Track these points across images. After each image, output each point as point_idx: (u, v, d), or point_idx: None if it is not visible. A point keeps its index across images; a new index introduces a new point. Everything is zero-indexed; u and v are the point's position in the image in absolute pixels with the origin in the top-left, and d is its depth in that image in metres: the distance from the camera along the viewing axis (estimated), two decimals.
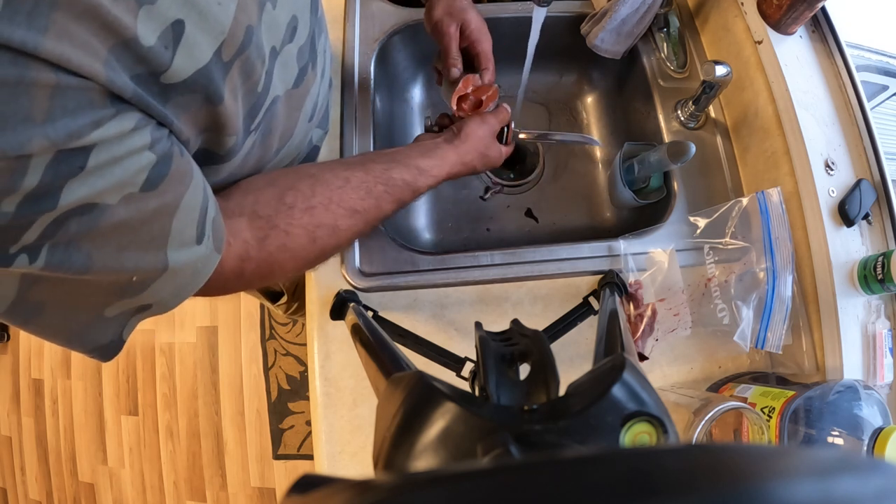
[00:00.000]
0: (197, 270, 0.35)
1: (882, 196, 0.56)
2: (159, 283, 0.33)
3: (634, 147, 0.67)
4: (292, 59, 0.43)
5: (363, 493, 0.09)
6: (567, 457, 0.09)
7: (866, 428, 0.44)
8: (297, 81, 0.45)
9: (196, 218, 0.33)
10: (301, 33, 0.43)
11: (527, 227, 0.76)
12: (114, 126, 0.26)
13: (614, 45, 0.71)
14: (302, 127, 0.50)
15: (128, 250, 0.30)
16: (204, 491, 1.51)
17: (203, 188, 0.34)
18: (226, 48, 0.32)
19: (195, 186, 0.33)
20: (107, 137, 0.26)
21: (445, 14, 0.57)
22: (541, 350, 0.22)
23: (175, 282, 0.34)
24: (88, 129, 0.25)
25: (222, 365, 1.55)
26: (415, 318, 0.58)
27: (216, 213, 0.36)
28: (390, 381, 0.23)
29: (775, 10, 0.59)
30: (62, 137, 0.24)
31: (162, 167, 0.30)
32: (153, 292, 0.33)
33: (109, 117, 0.26)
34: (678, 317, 0.56)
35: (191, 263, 0.34)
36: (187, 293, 0.35)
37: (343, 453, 0.54)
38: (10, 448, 1.64)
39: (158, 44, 0.27)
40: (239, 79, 0.35)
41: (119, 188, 0.27)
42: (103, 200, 0.27)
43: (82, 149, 0.25)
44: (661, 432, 0.17)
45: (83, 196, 0.26)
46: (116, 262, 0.29)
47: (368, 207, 0.46)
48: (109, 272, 0.29)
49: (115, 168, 0.27)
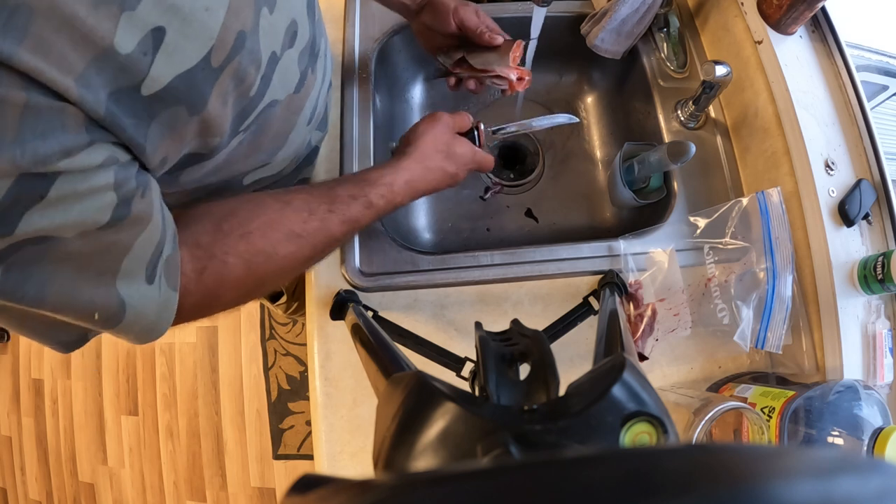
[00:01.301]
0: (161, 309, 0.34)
1: (882, 196, 0.56)
2: (122, 326, 0.32)
3: (634, 147, 0.67)
4: (293, 63, 0.43)
5: (363, 493, 0.09)
6: (567, 457, 0.09)
7: (866, 428, 0.44)
8: (299, 86, 0.45)
9: (147, 258, 0.33)
10: (301, 38, 0.43)
11: (527, 227, 0.76)
12: (83, 158, 0.26)
13: (614, 45, 0.71)
14: (300, 130, 0.50)
15: (78, 281, 0.29)
16: (204, 491, 1.51)
17: (161, 229, 0.34)
18: (215, 54, 0.32)
19: (153, 228, 0.32)
20: (73, 169, 0.25)
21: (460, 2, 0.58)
22: (541, 350, 0.22)
23: (140, 324, 0.33)
24: (57, 157, 0.24)
25: (222, 365, 1.55)
26: (415, 318, 0.58)
27: (171, 252, 0.35)
28: (390, 381, 0.23)
29: (775, 10, 0.59)
30: (28, 161, 0.23)
31: (122, 209, 0.29)
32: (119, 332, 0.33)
33: (81, 147, 0.26)
34: (678, 317, 0.56)
35: (148, 304, 0.33)
36: (152, 337, 0.35)
37: (343, 453, 0.54)
38: (10, 448, 1.64)
39: (137, 50, 0.27)
40: (230, 84, 0.34)
41: (77, 225, 0.27)
42: (60, 235, 0.27)
43: (45, 176, 0.25)
44: (661, 432, 0.17)
45: (40, 228, 0.26)
46: (69, 297, 0.29)
47: (312, 230, 0.42)
48: (64, 305, 0.29)
49: (75, 204, 0.27)
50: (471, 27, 0.58)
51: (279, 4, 0.38)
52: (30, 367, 1.65)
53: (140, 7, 0.26)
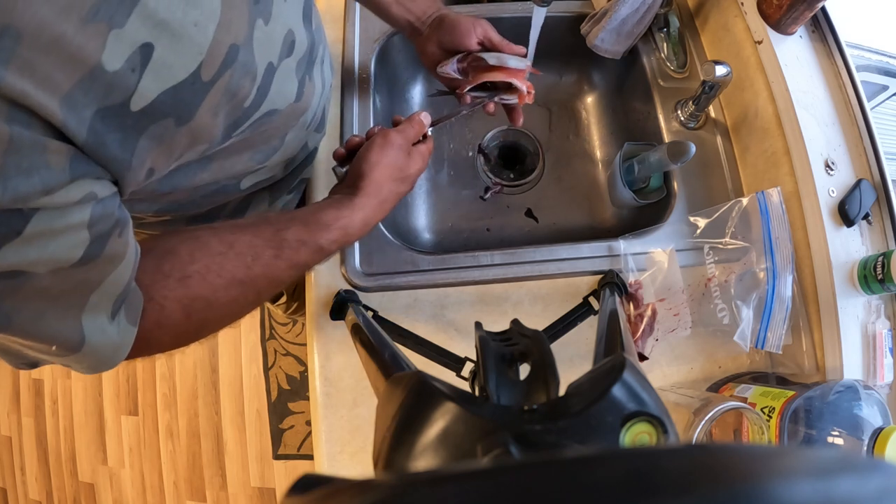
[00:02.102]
0: (119, 345, 0.34)
1: (882, 196, 0.56)
2: (76, 357, 0.32)
3: (634, 147, 0.67)
4: (291, 72, 0.42)
5: (363, 493, 0.09)
6: (567, 457, 0.09)
7: (866, 428, 0.44)
8: (299, 95, 0.44)
9: (116, 294, 0.32)
10: (300, 46, 0.43)
11: (527, 227, 0.76)
12: (62, 195, 0.26)
13: (614, 45, 0.71)
14: (298, 133, 0.50)
15: (45, 315, 0.29)
16: (204, 491, 1.51)
17: (132, 268, 0.33)
18: (205, 69, 0.32)
19: (124, 266, 0.32)
20: (51, 206, 0.26)
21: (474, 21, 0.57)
22: (541, 350, 0.22)
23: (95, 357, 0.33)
24: (38, 195, 0.25)
25: (222, 365, 1.55)
26: (415, 318, 0.58)
27: (134, 289, 0.34)
28: (390, 381, 0.23)
29: (775, 10, 0.59)
30: (8, 199, 0.23)
31: (96, 247, 0.29)
32: (71, 362, 0.33)
33: (63, 185, 0.26)
34: (678, 317, 0.56)
35: (107, 339, 0.33)
36: (102, 369, 0.35)
37: (343, 453, 0.54)
38: (10, 448, 1.64)
39: (124, 67, 0.27)
40: (222, 97, 0.34)
41: (50, 262, 0.27)
42: (33, 270, 0.27)
43: (23, 212, 0.25)
44: (661, 432, 0.17)
45: (14, 263, 0.26)
46: (34, 327, 0.29)
47: (255, 276, 0.39)
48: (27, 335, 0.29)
49: (50, 241, 0.27)
50: (496, 42, 0.58)
51: (275, 15, 0.38)
52: None
53: (128, 24, 0.26)
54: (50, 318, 0.29)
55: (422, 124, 0.51)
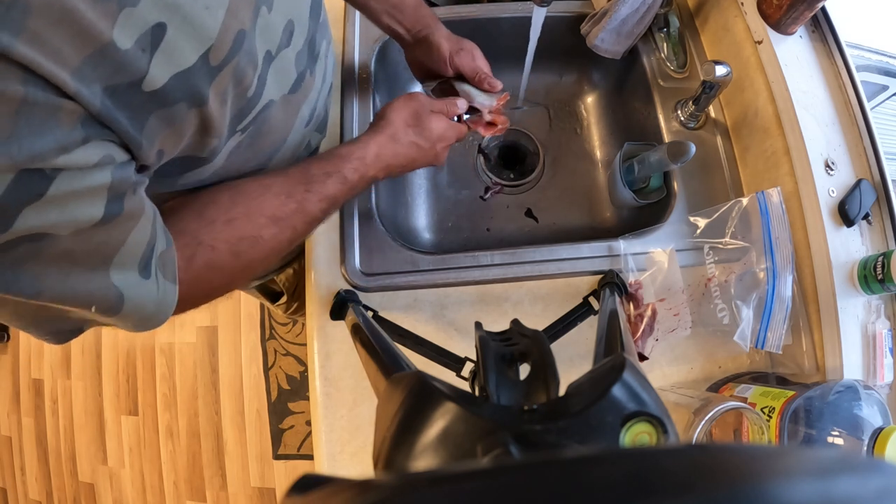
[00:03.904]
0: (160, 301, 0.34)
1: (882, 196, 0.56)
2: (121, 315, 0.33)
3: (634, 147, 0.67)
4: (289, 63, 0.43)
5: (363, 493, 0.09)
6: (567, 457, 0.09)
7: (866, 428, 0.44)
8: (295, 87, 0.45)
9: (140, 253, 0.33)
10: (298, 38, 0.43)
11: (527, 227, 0.76)
12: (79, 155, 0.26)
13: (614, 45, 0.71)
14: (298, 131, 0.50)
15: (72, 276, 0.30)
16: (204, 491, 1.51)
17: (152, 223, 0.34)
18: (213, 53, 0.32)
19: (143, 224, 0.33)
20: (70, 165, 0.26)
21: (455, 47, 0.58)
22: (541, 350, 0.22)
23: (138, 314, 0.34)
24: (54, 153, 0.25)
25: (222, 365, 1.55)
26: (415, 318, 0.58)
27: (166, 247, 0.36)
28: (390, 382, 0.23)
29: (775, 10, 0.59)
30: (25, 157, 0.24)
31: (115, 206, 0.30)
32: (117, 321, 0.33)
33: (77, 144, 0.26)
34: (678, 317, 0.56)
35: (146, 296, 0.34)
36: (150, 326, 0.35)
37: (343, 453, 0.54)
38: (10, 448, 1.64)
39: (135, 47, 0.27)
40: (229, 83, 0.34)
41: (72, 224, 0.27)
42: (56, 232, 0.27)
43: (43, 173, 0.25)
44: (661, 432, 0.17)
45: (37, 226, 0.26)
46: (63, 289, 0.29)
47: (291, 212, 0.43)
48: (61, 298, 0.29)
49: (71, 202, 0.27)
50: (468, 74, 0.59)
51: (276, 4, 0.38)
52: (30, 367, 1.65)
53: (141, 4, 0.26)
54: (77, 278, 0.30)
55: (454, 104, 0.55)
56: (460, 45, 0.59)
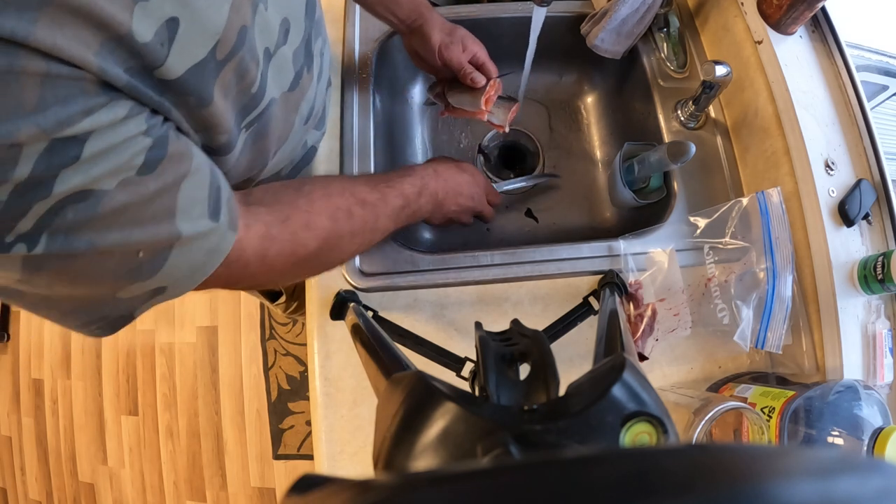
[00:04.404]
0: (211, 249, 0.34)
1: (882, 196, 0.56)
2: (171, 262, 0.32)
3: (634, 147, 0.67)
4: (287, 61, 0.43)
5: (363, 493, 0.09)
6: (567, 457, 0.09)
7: (866, 428, 0.44)
8: (293, 85, 0.45)
9: (205, 195, 0.33)
10: (294, 36, 0.43)
11: (527, 227, 0.76)
12: (105, 114, 0.26)
13: (614, 45, 0.71)
14: (297, 130, 0.50)
15: (132, 230, 0.29)
16: (204, 491, 1.51)
17: (210, 168, 0.34)
18: (220, 48, 0.32)
19: (198, 166, 0.33)
20: (100, 126, 0.26)
21: (446, 40, 0.60)
22: (541, 350, 0.22)
23: (188, 261, 0.33)
24: (79, 117, 0.25)
25: (222, 365, 1.55)
26: (415, 318, 0.58)
27: (230, 195, 0.36)
28: (390, 382, 0.23)
29: (775, 10, 0.59)
30: (52, 125, 0.24)
31: (158, 150, 0.29)
32: (166, 274, 0.32)
33: (101, 105, 0.26)
34: (678, 317, 0.56)
35: (203, 240, 0.33)
36: (202, 274, 0.35)
37: (343, 453, 0.54)
38: (10, 448, 1.64)
39: (155, 40, 0.27)
40: (233, 79, 0.35)
41: (114, 173, 0.27)
42: (99, 186, 0.27)
43: (75, 138, 0.25)
44: (661, 432, 0.17)
45: (78, 184, 0.26)
46: (122, 240, 0.29)
47: (376, 200, 0.48)
48: (115, 248, 0.29)
49: (110, 155, 0.27)
50: (455, 68, 0.61)
51: (272, 2, 0.38)
52: (30, 367, 1.65)
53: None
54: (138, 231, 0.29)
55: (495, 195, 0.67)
56: (451, 36, 0.60)
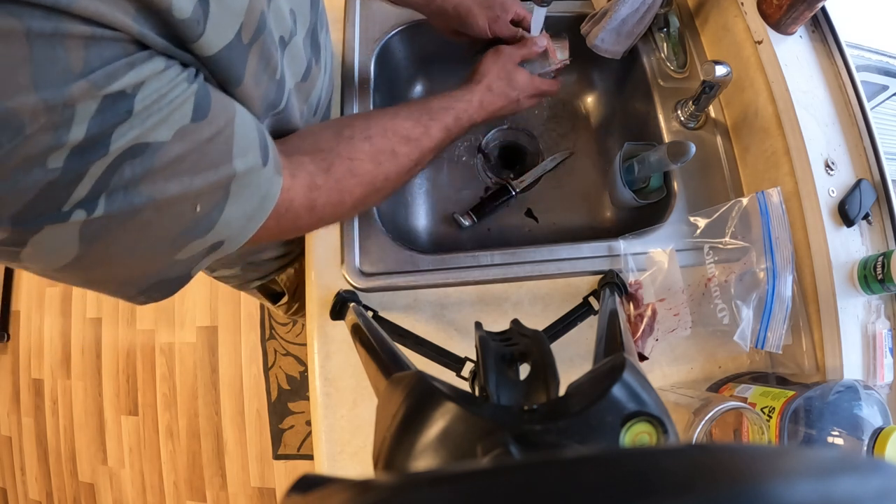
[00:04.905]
0: (263, 195, 0.35)
1: (882, 196, 0.56)
2: (227, 212, 0.33)
3: (634, 147, 0.67)
4: (299, 51, 0.44)
5: (363, 493, 0.09)
6: (567, 457, 0.09)
7: (866, 428, 0.44)
8: (305, 75, 0.46)
9: (255, 136, 0.34)
10: (301, 26, 0.44)
11: (527, 227, 0.76)
12: (148, 66, 0.27)
13: (614, 45, 0.71)
14: (307, 122, 0.51)
15: (192, 178, 0.30)
16: (204, 491, 1.51)
17: (251, 117, 0.35)
18: (245, 30, 0.33)
19: (242, 112, 0.34)
20: (145, 77, 0.27)
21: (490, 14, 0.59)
22: (541, 350, 0.22)
23: (243, 209, 0.34)
24: (124, 69, 0.25)
25: (222, 365, 1.55)
26: (415, 318, 0.58)
27: (272, 142, 0.37)
28: (390, 382, 0.23)
29: (775, 10, 0.59)
30: (101, 80, 0.24)
31: (204, 97, 0.30)
32: (223, 226, 0.33)
33: (143, 60, 0.27)
34: (678, 317, 0.56)
35: (256, 181, 0.34)
36: (255, 224, 0.36)
37: (343, 453, 0.54)
38: (10, 448, 1.64)
39: (192, 18, 0.28)
40: (259, 64, 0.36)
41: (168, 123, 0.28)
42: (155, 138, 0.27)
43: (125, 94, 0.26)
44: (661, 432, 0.17)
45: (133, 138, 0.26)
46: (180, 190, 0.30)
47: (419, 135, 0.48)
48: (174, 200, 0.30)
49: (161, 105, 0.27)
50: (510, 40, 0.60)
51: None
52: (30, 367, 1.65)
53: None
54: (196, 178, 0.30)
55: (535, 45, 0.60)
56: (493, 10, 0.59)
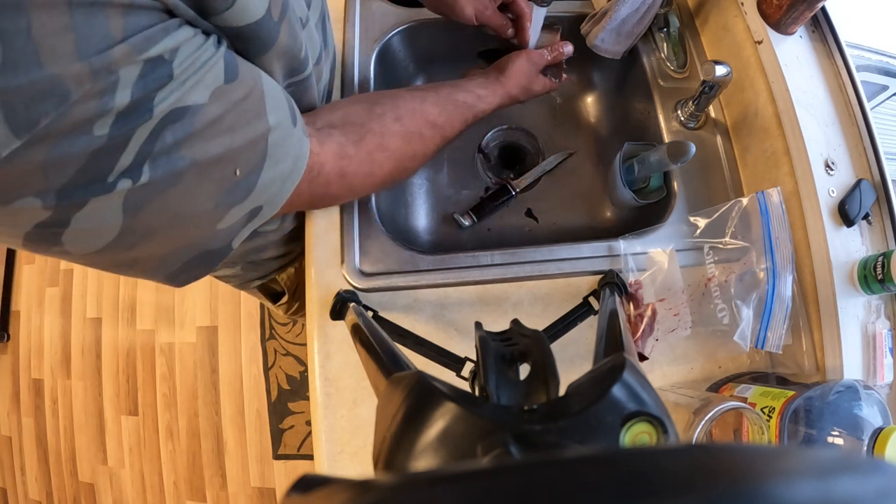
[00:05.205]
0: (296, 156, 0.37)
1: (882, 196, 0.56)
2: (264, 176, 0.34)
3: (634, 147, 0.67)
4: (314, 34, 0.45)
5: (363, 493, 0.09)
6: (567, 457, 0.09)
7: (866, 428, 0.44)
8: (319, 57, 0.47)
9: (282, 96, 0.35)
10: (315, 9, 0.45)
11: (527, 227, 0.76)
12: (181, 34, 0.28)
13: (614, 45, 0.71)
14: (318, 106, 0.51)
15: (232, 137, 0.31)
16: (204, 491, 1.51)
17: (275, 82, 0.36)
18: (273, 7, 0.34)
19: (266, 76, 0.35)
20: (180, 42, 0.28)
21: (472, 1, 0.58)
22: (541, 350, 0.22)
23: (279, 171, 0.35)
24: (160, 35, 0.27)
25: (222, 365, 1.55)
26: (415, 318, 0.58)
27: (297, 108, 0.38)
28: (390, 381, 0.23)
29: (775, 10, 0.59)
30: (140, 43, 0.25)
31: (232, 61, 0.32)
32: (261, 189, 0.35)
33: (175, 27, 0.28)
34: (678, 317, 0.56)
35: (289, 138, 0.36)
36: (292, 183, 0.37)
37: (343, 453, 0.54)
38: (10, 448, 1.64)
39: None
40: (288, 40, 0.37)
41: (204, 84, 0.29)
42: (194, 101, 0.29)
43: (163, 59, 0.27)
44: (661, 432, 0.17)
45: (174, 101, 0.27)
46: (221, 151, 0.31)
47: (444, 123, 0.50)
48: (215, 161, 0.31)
49: (195, 66, 0.29)
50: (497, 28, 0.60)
51: None
52: (30, 367, 1.65)
53: None
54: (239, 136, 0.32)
55: (560, 53, 0.63)
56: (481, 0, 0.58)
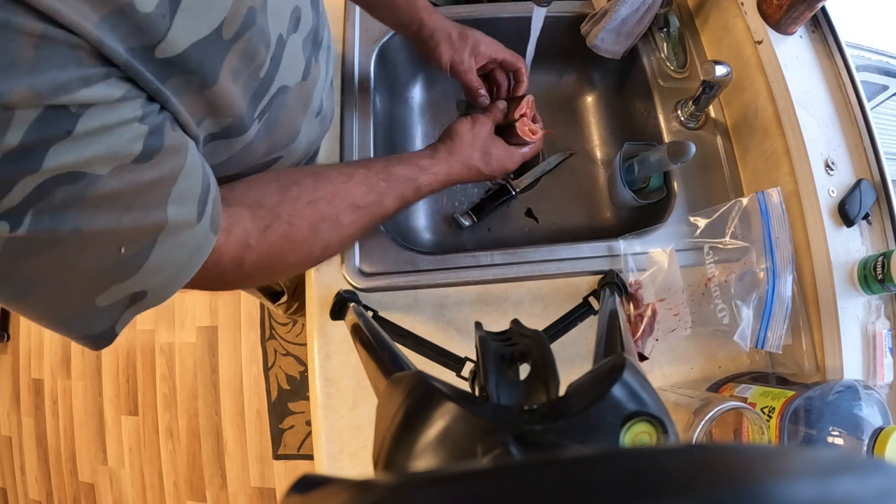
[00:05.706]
0: (192, 252, 0.33)
1: (882, 196, 0.56)
2: (154, 257, 0.31)
3: (634, 147, 0.67)
4: (299, 49, 0.43)
5: (363, 493, 0.09)
6: (567, 457, 0.09)
7: (866, 428, 0.44)
8: (305, 74, 0.45)
9: (197, 191, 0.33)
10: (305, 24, 0.44)
11: (527, 227, 0.76)
12: (103, 89, 0.25)
13: (614, 45, 0.71)
14: (310, 121, 0.51)
15: (121, 215, 0.28)
16: (204, 491, 1.51)
17: (201, 165, 0.34)
18: (227, 26, 0.32)
19: (193, 161, 0.32)
20: (96, 100, 0.25)
21: (451, 51, 0.58)
22: (541, 350, 0.22)
23: (171, 257, 0.32)
24: (76, 84, 0.24)
25: (222, 365, 1.55)
26: (415, 318, 0.58)
27: (216, 195, 0.36)
28: (390, 381, 0.23)
29: (775, 10, 0.59)
30: (47, 88, 0.23)
31: (155, 139, 0.29)
32: (146, 274, 0.31)
33: (99, 78, 0.25)
34: (678, 317, 0.56)
35: (188, 235, 0.32)
36: (183, 278, 0.34)
37: (343, 453, 0.54)
38: (10, 448, 1.64)
39: (156, 11, 0.27)
40: (240, 61, 0.34)
41: (109, 159, 0.27)
42: (93, 170, 0.26)
43: (69, 111, 0.24)
44: (661, 432, 0.17)
45: (69, 162, 0.25)
46: (109, 225, 0.28)
47: (371, 203, 0.46)
48: (101, 234, 0.28)
49: (104, 137, 0.26)
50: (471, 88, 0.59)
51: None
52: (30, 367, 1.65)
53: None
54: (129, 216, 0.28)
55: (499, 109, 0.59)
56: (460, 53, 0.58)
